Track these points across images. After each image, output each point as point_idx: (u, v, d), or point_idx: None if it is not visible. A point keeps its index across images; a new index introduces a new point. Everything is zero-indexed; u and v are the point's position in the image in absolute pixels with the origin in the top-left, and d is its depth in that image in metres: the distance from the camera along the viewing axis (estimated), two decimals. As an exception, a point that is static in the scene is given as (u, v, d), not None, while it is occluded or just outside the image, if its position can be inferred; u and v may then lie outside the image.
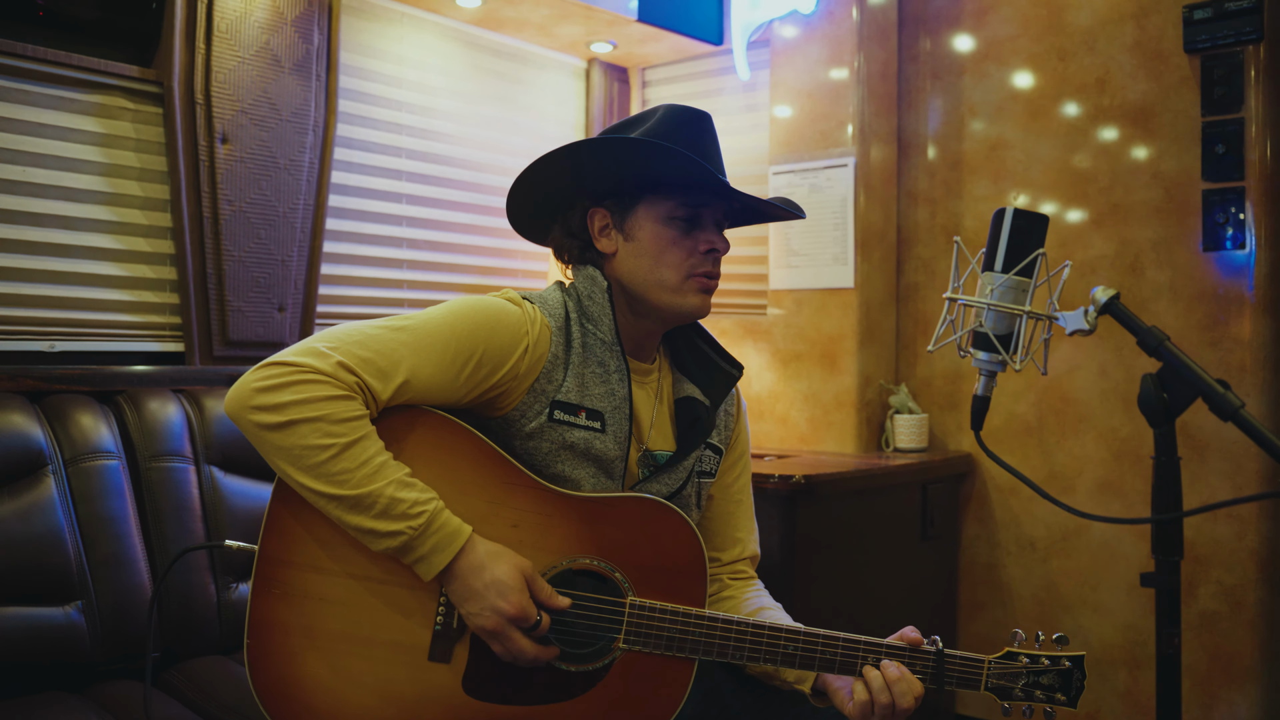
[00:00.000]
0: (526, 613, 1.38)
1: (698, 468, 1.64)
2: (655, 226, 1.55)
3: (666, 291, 1.56)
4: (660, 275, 1.55)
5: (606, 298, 1.55)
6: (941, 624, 3.16)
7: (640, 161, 1.53)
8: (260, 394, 1.35)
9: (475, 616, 1.39)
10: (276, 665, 1.42)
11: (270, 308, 2.63)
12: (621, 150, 1.53)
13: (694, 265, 1.55)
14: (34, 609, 1.94)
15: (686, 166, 1.50)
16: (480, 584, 1.38)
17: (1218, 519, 2.71)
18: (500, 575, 1.38)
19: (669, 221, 1.55)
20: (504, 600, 1.37)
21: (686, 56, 3.58)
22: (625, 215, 1.57)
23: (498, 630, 1.38)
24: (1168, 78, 2.81)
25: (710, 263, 1.56)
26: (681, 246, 1.55)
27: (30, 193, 2.34)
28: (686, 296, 1.56)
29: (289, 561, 1.43)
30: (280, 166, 2.62)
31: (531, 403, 1.50)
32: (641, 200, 1.56)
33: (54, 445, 2.06)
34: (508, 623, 1.38)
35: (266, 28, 2.58)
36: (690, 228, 1.56)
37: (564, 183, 1.59)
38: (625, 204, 1.57)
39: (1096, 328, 1.38)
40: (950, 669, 1.48)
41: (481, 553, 1.39)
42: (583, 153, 1.55)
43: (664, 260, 1.55)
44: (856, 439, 3.14)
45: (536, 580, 1.41)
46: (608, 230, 1.59)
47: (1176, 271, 2.80)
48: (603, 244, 1.59)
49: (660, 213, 1.55)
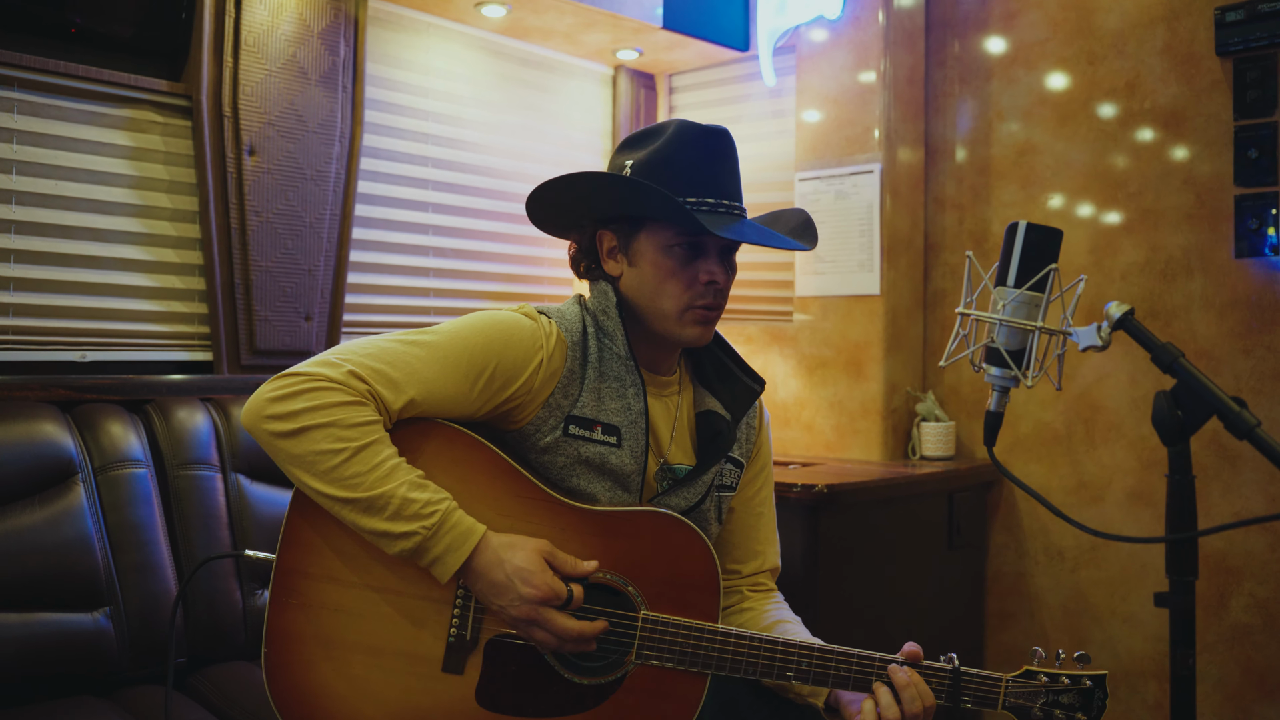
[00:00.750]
0: (555, 590, 1.38)
1: (718, 482, 1.63)
2: (656, 255, 1.54)
3: (666, 320, 1.55)
4: (659, 305, 1.55)
5: (618, 314, 1.56)
6: (969, 634, 3.13)
7: (640, 203, 1.53)
8: (273, 404, 1.37)
9: (507, 609, 1.39)
10: (293, 674, 1.44)
11: (297, 317, 2.67)
12: (609, 186, 1.54)
13: (692, 298, 1.54)
14: (63, 614, 1.97)
15: (668, 212, 1.49)
16: (503, 576, 1.38)
17: (1250, 532, 2.67)
18: (520, 562, 1.39)
19: (669, 250, 1.53)
20: (529, 586, 1.37)
21: (713, 63, 3.58)
22: (630, 240, 1.57)
23: (533, 617, 1.38)
24: (1199, 81, 2.77)
25: (710, 294, 1.54)
26: (680, 278, 1.53)
27: (62, 206, 2.39)
28: (684, 328, 1.55)
29: (306, 572, 1.45)
30: (307, 177, 2.66)
31: (546, 417, 1.50)
32: (644, 226, 1.55)
33: (84, 454, 2.10)
34: (539, 606, 1.38)
35: (293, 40, 2.62)
36: (691, 257, 1.54)
37: (568, 204, 1.60)
38: (629, 229, 1.57)
39: (1110, 344, 1.36)
40: (967, 686, 1.46)
41: (496, 545, 1.40)
42: (580, 184, 1.55)
43: (663, 291, 1.54)
44: (883, 447, 3.12)
45: (557, 555, 1.42)
46: (615, 252, 1.59)
47: (1208, 278, 2.75)
48: (610, 266, 1.60)
49: (661, 241, 1.54)
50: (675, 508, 1.55)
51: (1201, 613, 2.74)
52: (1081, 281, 1.44)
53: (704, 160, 1.54)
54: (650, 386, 1.61)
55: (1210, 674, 2.73)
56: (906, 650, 1.48)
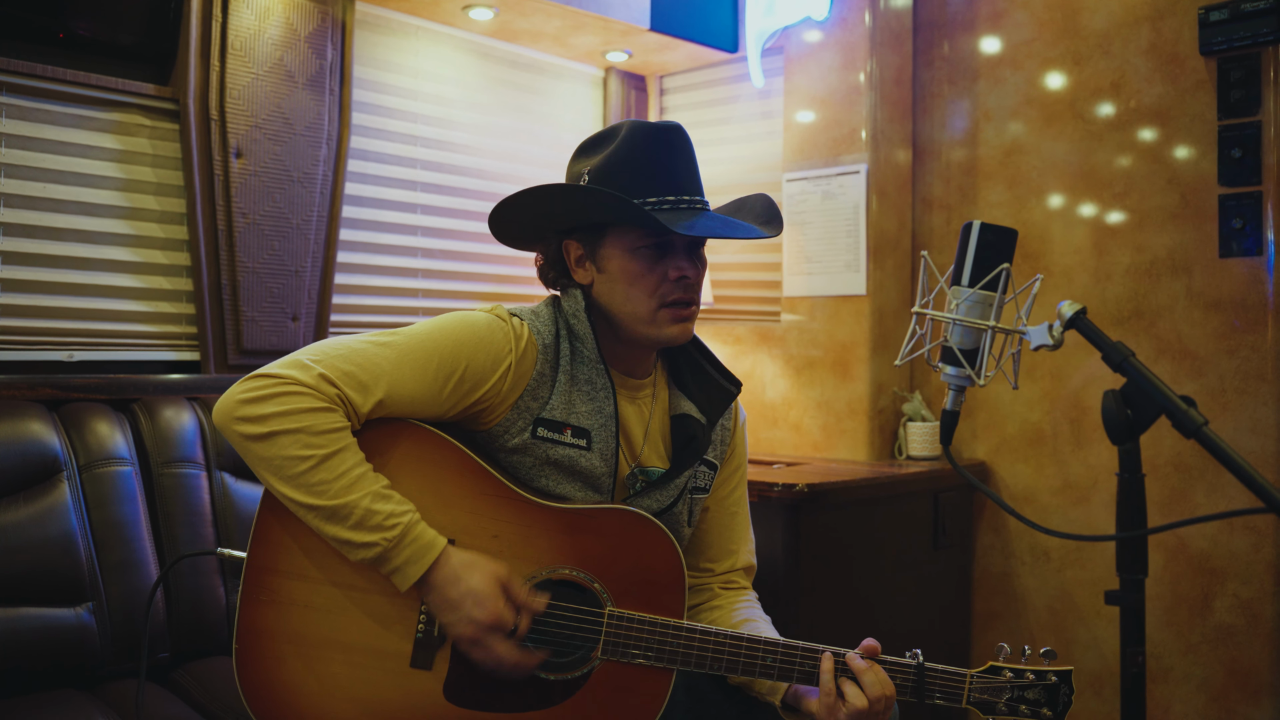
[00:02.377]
0: (502, 619, 1.40)
1: (691, 484, 1.65)
2: (623, 259, 1.55)
3: (641, 323, 1.56)
4: (632, 308, 1.55)
5: (587, 318, 1.56)
6: (955, 634, 3.13)
7: (598, 210, 1.54)
8: (244, 405, 1.39)
9: (453, 626, 1.41)
10: (263, 670, 1.46)
11: (284, 317, 2.69)
12: (563, 196, 1.55)
13: (664, 294, 1.54)
14: (47, 610, 2.00)
15: (623, 213, 1.51)
16: (456, 594, 1.40)
17: (1234, 531, 2.66)
18: (475, 585, 1.40)
19: (635, 252, 1.54)
20: (480, 609, 1.39)
21: (702, 64, 3.59)
22: (596, 247, 1.58)
23: (476, 638, 1.40)
24: (1184, 81, 2.77)
25: (681, 289, 1.55)
26: (649, 278, 1.54)
27: (50, 208, 2.42)
28: (661, 328, 1.56)
29: (276, 569, 1.47)
30: (294, 179, 2.69)
31: (515, 419, 1.52)
32: (608, 232, 1.56)
33: (69, 452, 2.13)
34: (485, 630, 1.40)
35: (280, 44, 2.64)
36: (658, 257, 1.54)
37: (531, 219, 1.61)
38: (594, 236, 1.57)
39: (1062, 343, 1.37)
40: (931, 682, 1.47)
41: (455, 564, 1.42)
42: (539, 198, 1.56)
43: (633, 293, 1.55)
44: (869, 447, 3.13)
45: (513, 584, 1.43)
46: (583, 260, 1.60)
47: (1193, 278, 2.75)
48: (579, 274, 1.60)
49: (626, 244, 1.55)
50: (647, 509, 1.56)
51: (1186, 613, 2.74)
52: (1037, 281, 1.45)
53: (659, 158, 1.55)
54: (622, 389, 1.62)
55: (1195, 674, 2.73)
56: (865, 646, 1.50)
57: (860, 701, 1.43)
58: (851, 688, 1.44)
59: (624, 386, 1.62)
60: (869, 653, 1.49)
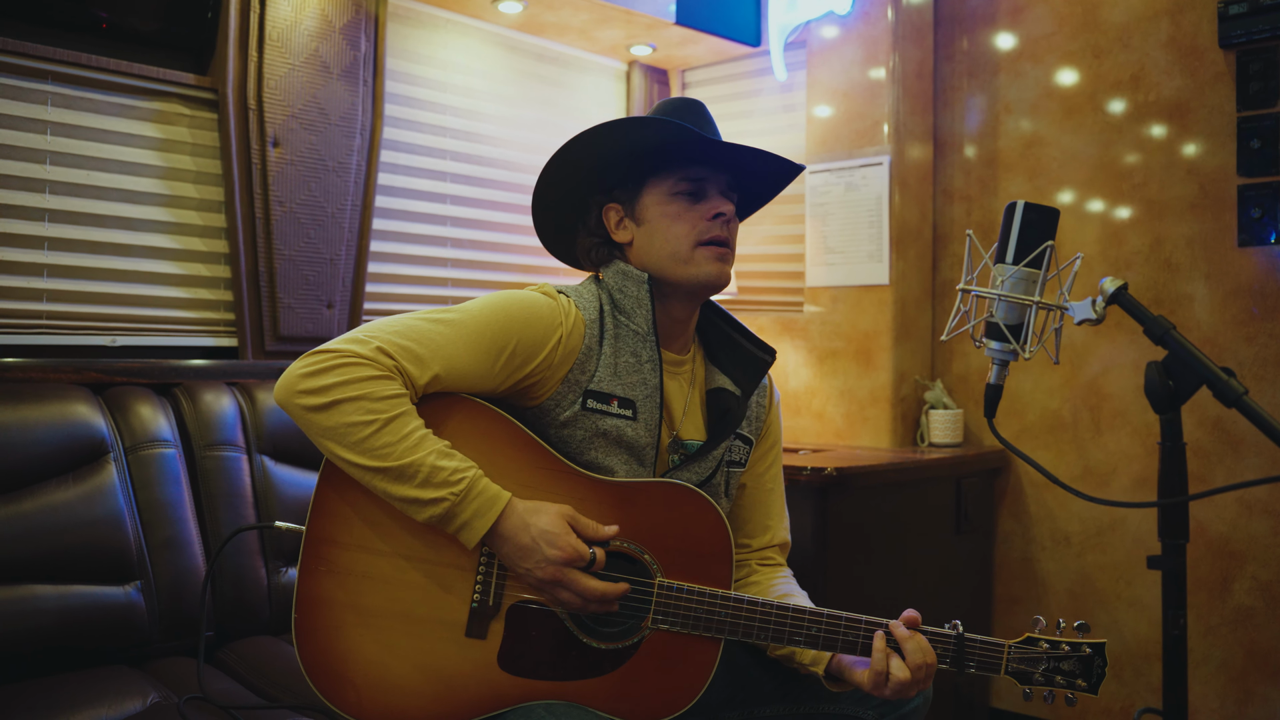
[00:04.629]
0: (579, 551, 1.44)
1: (727, 457, 1.68)
2: (661, 204, 1.62)
3: (679, 263, 1.61)
4: (672, 248, 1.61)
5: (644, 289, 1.61)
6: (977, 618, 3.18)
7: (631, 139, 1.60)
8: (305, 379, 1.43)
9: (533, 571, 1.44)
10: (322, 639, 1.49)
11: (319, 304, 2.74)
12: (611, 131, 1.60)
13: (702, 231, 1.60)
14: (96, 588, 2.04)
15: (669, 131, 1.56)
16: (528, 539, 1.44)
17: (1253, 515, 2.71)
18: (544, 525, 1.44)
19: (673, 197, 1.61)
20: (554, 548, 1.43)
21: (725, 58, 3.64)
22: (634, 202, 1.64)
23: (558, 578, 1.44)
24: (1203, 73, 2.81)
25: (719, 226, 1.60)
26: (688, 217, 1.61)
27: (93, 195, 2.46)
28: (700, 265, 1.60)
29: (335, 540, 1.50)
30: (329, 169, 2.73)
31: (566, 392, 1.55)
32: (645, 184, 1.63)
33: (115, 434, 2.17)
34: (563, 567, 1.43)
35: (316, 36, 2.69)
36: (696, 199, 1.61)
37: (573, 184, 1.66)
38: (632, 192, 1.64)
39: (1105, 318, 1.41)
40: (970, 652, 1.51)
41: (521, 510, 1.45)
42: (577, 147, 1.61)
43: (673, 233, 1.61)
44: (892, 434, 3.17)
45: (579, 519, 1.47)
46: (622, 222, 1.66)
47: (1212, 267, 2.80)
48: (619, 235, 1.66)
49: (664, 190, 1.62)
50: (686, 481, 1.59)
51: (1205, 596, 2.78)
52: (1078, 259, 1.49)
53: (689, 112, 1.64)
54: (665, 364, 1.66)
55: (1214, 656, 2.77)
56: (906, 616, 1.53)
57: (903, 674, 1.46)
58: (895, 660, 1.48)
59: (666, 361, 1.67)
60: (910, 623, 1.52)
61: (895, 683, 1.47)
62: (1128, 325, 2.94)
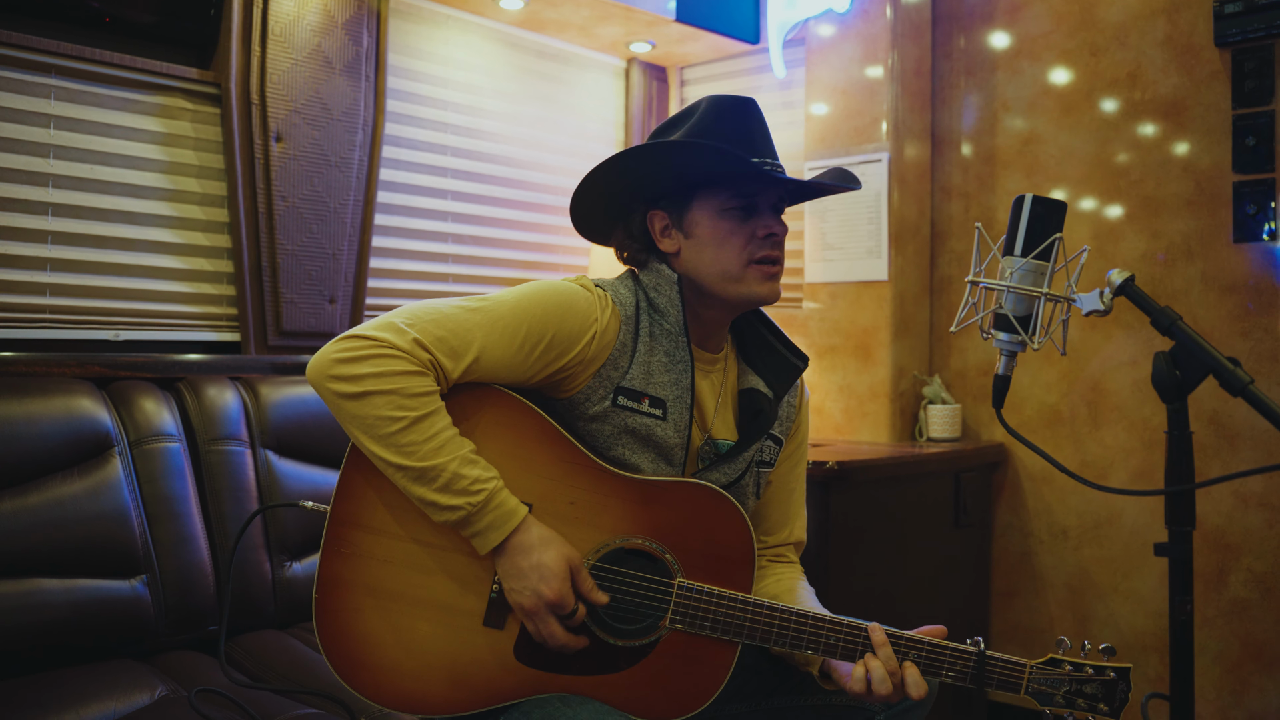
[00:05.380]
0: (565, 600, 1.44)
1: (758, 458, 1.67)
2: (712, 221, 1.58)
3: (731, 282, 1.59)
4: (723, 266, 1.58)
5: (675, 290, 1.59)
6: (975, 611, 3.20)
7: (682, 163, 1.57)
8: (340, 364, 1.42)
9: (516, 594, 1.45)
10: (341, 620, 1.49)
11: (322, 299, 2.74)
12: (662, 154, 1.57)
13: (753, 251, 1.57)
14: (103, 581, 2.04)
15: (726, 162, 1.54)
16: (527, 564, 1.44)
17: (1248, 508, 2.73)
18: (547, 560, 1.44)
19: (724, 214, 1.58)
20: (545, 585, 1.43)
21: (723, 55, 3.65)
22: (683, 214, 1.60)
23: (534, 611, 1.44)
24: (1199, 71, 2.84)
25: (770, 246, 1.58)
26: (739, 235, 1.57)
27: (96, 189, 2.46)
28: (751, 285, 1.59)
29: (358, 523, 1.50)
30: (331, 164, 2.73)
31: (597, 387, 1.54)
32: (695, 197, 1.59)
33: (120, 428, 2.17)
34: (545, 607, 1.44)
35: (318, 31, 2.69)
36: (746, 216, 1.58)
37: (618, 189, 1.63)
38: (680, 203, 1.60)
39: (1112, 309, 1.43)
40: (991, 670, 1.49)
41: (534, 536, 1.45)
42: (630, 160, 1.58)
43: (724, 251, 1.58)
44: (890, 429, 3.19)
45: (581, 573, 1.47)
46: (669, 230, 1.62)
47: (1208, 263, 2.83)
48: (665, 244, 1.62)
49: (714, 206, 1.58)
50: (716, 482, 1.58)
51: (1201, 588, 2.81)
52: (1084, 252, 1.51)
53: (741, 125, 1.60)
54: (698, 364, 1.64)
55: (1210, 647, 2.80)
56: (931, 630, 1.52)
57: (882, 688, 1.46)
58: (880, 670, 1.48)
59: (700, 360, 1.65)
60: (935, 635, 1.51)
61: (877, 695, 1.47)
62: (1124, 321, 2.97)
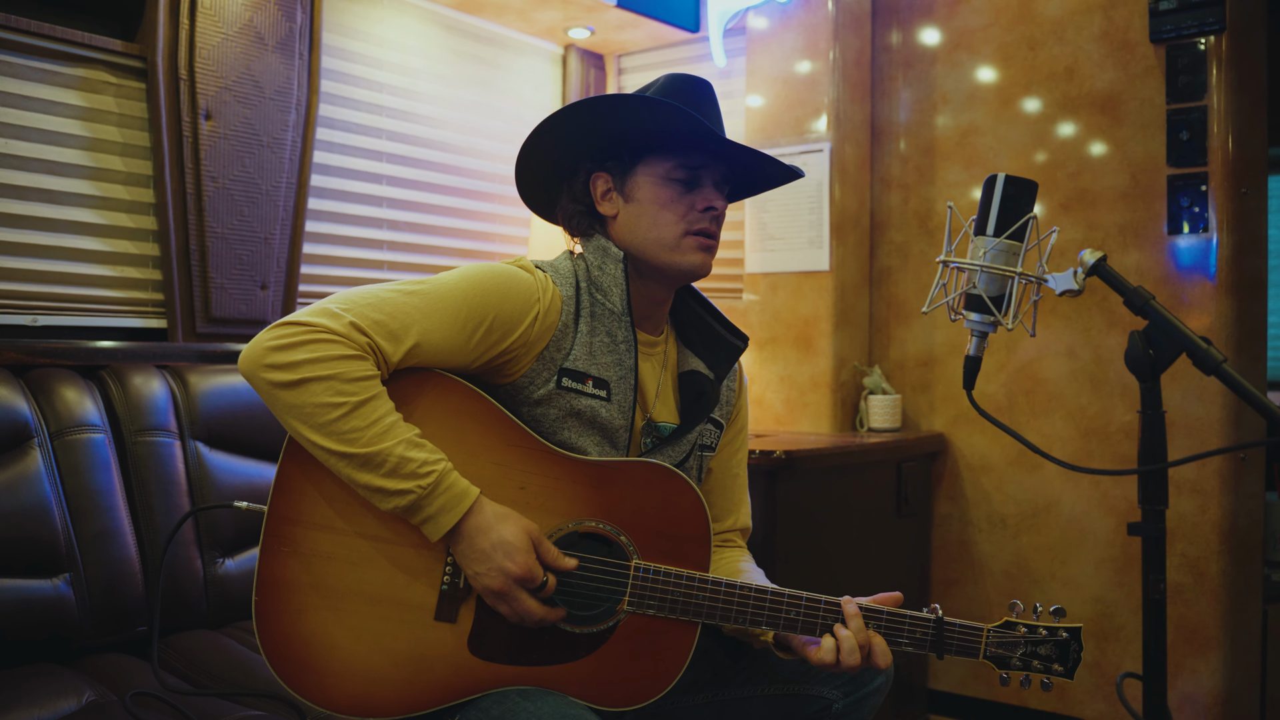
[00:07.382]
0: (533, 573, 1.40)
1: (699, 441, 1.66)
2: (654, 187, 1.58)
3: (665, 250, 1.58)
4: (659, 233, 1.57)
5: (620, 267, 1.57)
6: (917, 599, 3.22)
7: (639, 118, 1.55)
8: (274, 352, 1.36)
9: (482, 577, 1.40)
10: (284, 623, 1.43)
11: (253, 285, 2.63)
12: (623, 106, 1.55)
13: (691, 222, 1.57)
14: (22, 581, 1.92)
15: (683, 121, 1.52)
16: (487, 544, 1.39)
17: (1181, 494, 2.80)
18: (507, 536, 1.40)
19: (667, 181, 1.57)
20: (510, 561, 1.39)
21: (663, 44, 3.62)
22: (626, 177, 1.60)
23: (504, 590, 1.40)
24: (1134, 67, 2.90)
25: (708, 220, 1.58)
26: (679, 205, 1.57)
27: (13, 165, 2.32)
28: (685, 255, 1.58)
29: (299, 520, 1.44)
30: (263, 144, 2.62)
31: (540, 370, 1.51)
32: (641, 161, 1.58)
33: (39, 418, 2.05)
34: (514, 583, 1.39)
35: (250, 5, 2.58)
36: (688, 188, 1.58)
37: (569, 145, 1.61)
38: (626, 166, 1.59)
39: (1084, 289, 1.43)
40: (949, 637, 1.50)
41: (489, 514, 1.41)
42: (584, 111, 1.56)
43: (661, 218, 1.57)
44: (831, 419, 3.19)
45: (543, 543, 1.43)
46: (609, 194, 1.61)
47: (1143, 254, 2.89)
48: (604, 207, 1.62)
49: (659, 173, 1.57)
50: None
51: (1136, 574, 2.87)
52: (1054, 232, 1.51)
53: (697, 100, 1.59)
54: (640, 345, 1.63)
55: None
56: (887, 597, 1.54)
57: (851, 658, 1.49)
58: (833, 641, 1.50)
59: (641, 342, 1.63)
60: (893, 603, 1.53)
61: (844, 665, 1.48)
62: (1062, 312, 3.02)
